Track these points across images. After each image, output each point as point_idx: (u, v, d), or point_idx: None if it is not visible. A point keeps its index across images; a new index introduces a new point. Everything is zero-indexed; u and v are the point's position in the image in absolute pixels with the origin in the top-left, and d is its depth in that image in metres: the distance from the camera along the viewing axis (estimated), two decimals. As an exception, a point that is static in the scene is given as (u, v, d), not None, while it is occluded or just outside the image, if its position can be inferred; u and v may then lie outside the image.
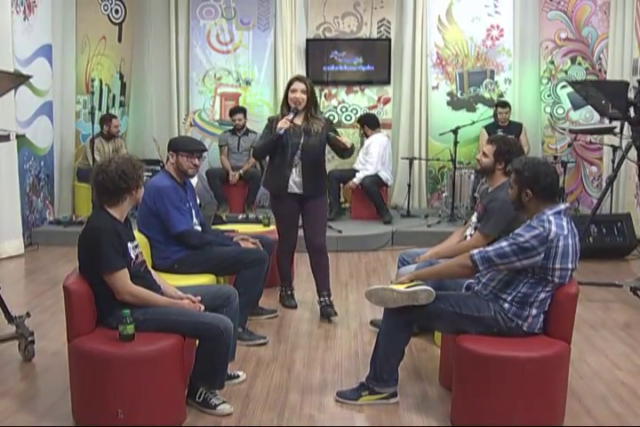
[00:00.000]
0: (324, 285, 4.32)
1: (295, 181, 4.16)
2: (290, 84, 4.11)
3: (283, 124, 4.01)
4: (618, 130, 5.06)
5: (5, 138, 4.05)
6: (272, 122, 4.18)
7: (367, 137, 7.12)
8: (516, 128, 7.35)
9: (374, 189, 6.91)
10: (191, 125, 7.74)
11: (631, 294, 4.67)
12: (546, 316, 2.84)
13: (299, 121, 4.11)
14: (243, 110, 7.44)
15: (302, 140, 4.11)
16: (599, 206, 5.22)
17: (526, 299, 2.79)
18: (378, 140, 7.06)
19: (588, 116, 7.43)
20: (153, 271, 3.17)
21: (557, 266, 2.72)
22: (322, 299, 4.30)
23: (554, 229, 2.70)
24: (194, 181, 4.50)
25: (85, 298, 2.79)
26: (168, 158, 3.88)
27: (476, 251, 2.81)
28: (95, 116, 6.87)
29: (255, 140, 7.34)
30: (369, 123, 7.15)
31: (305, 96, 4.07)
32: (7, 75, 3.76)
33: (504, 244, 2.74)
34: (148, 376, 2.70)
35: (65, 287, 2.76)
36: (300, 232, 4.34)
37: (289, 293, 4.52)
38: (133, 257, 2.92)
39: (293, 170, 4.14)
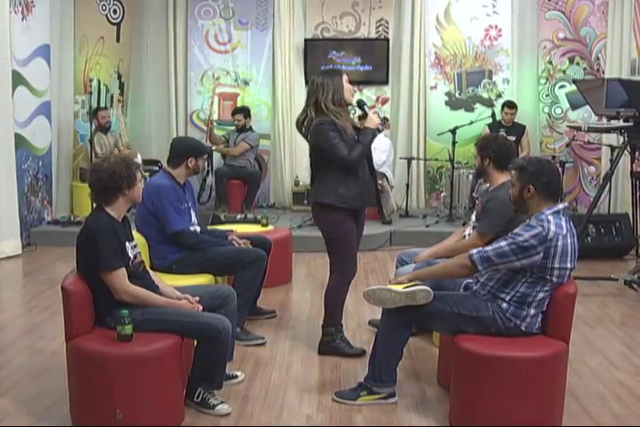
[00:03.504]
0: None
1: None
2: (340, 74, 3.40)
3: (377, 119, 3.35)
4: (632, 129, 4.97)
5: None
6: (335, 124, 3.31)
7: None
8: (519, 129, 7.37)
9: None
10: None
11: (626, 291, 4.68)
12: (544, 316, 2.84)
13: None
14: (242, 110, 7.40)
15: None
16: (596, 205, 5.21)
17: (525, 299, 2.79)
18: (387, 141, 7.08)
19: (586, 115, 7.43)
20: (151, 271, 3.17)
21: (556, 265, 2.72)
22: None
23: (553, 228, 2.70)
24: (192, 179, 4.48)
25: (83, 298, 2.79)
26: (178, 164, 3.85)
27: (475, 251, 2.81)
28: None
29: (249, 137, 7.33)
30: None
31: None
32: None
33: (503, 243, 2.74)
34: (146, 377, 2.70)
35: (63, 288, 2.76)
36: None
37: (342, 335, 3.65)
38: (132, 257, 2.92)
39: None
